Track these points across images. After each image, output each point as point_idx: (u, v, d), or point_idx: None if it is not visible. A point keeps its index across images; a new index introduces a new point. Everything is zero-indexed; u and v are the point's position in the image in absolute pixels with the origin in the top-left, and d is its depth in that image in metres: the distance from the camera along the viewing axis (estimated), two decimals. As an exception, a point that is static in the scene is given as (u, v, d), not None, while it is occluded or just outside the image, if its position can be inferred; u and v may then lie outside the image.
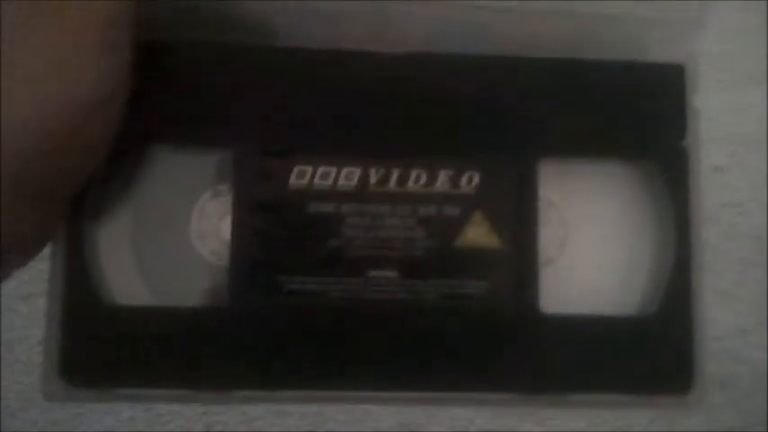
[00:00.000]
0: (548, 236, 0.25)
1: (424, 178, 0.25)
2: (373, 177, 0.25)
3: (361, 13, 0.26)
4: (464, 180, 0.25)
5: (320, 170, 0.25)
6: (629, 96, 0.25)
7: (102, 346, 0.24)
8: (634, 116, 0.25)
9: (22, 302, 0.32)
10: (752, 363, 0.38)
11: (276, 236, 0.24)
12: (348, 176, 0.25)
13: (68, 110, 0.21)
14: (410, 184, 0.25)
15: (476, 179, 0.25)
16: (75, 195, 0.24)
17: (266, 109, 0.25)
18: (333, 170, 0.25)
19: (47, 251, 0.24)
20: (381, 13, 0.26)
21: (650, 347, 0.25)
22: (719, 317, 0.38)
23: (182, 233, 0.25)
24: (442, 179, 0.25)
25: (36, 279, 0.23)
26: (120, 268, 0.24)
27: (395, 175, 0.25)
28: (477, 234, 0.25)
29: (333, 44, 0.25)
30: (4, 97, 0.20)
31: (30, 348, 0.32)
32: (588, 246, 0.26)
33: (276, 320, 0.24)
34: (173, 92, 0.24)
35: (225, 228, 0.25)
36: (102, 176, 0.24)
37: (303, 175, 0.24)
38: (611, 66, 0.25)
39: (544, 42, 0.25)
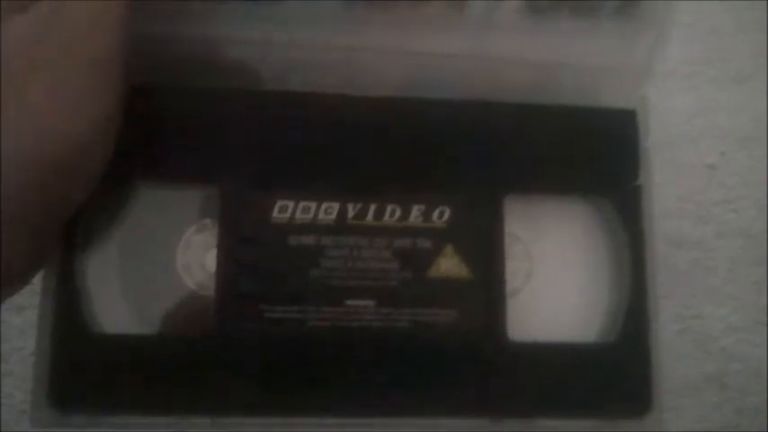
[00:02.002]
0: (514, 268, 0.27)
1: (398, 213, 0.26)
2: (351, 212, 0.26)
3: (336, 61, 0.28)
4: (436, 214, 0.27)
5: (301, 205, 0.26)
6: (586, 139, 0.28)
7: (90, 373, 0.25)
8: (591, 157, 0.28)
9: (15, 315, 0.33)
10: (746, 361, 0.38)
11: (259, 267, 0.26)
12: (327, 211, 0.26)
13: (65, 144, 0.22)
14: (386, 218, 0.26)
15: (447, 214, 0.27)
16: (64, 225, 0.25)
17: (249, 148, 0.26)
18: (313, 205, 0.26)
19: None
20: (354, 62, 0.28)
21: (610, 373, 0.26)
22: (712, 315, 0.38)
23: (168, 264, 0.26)
24: (415, 214, 0.26)
25: (30, 292, 0.24)
26: (109, 298, 0.25)
27: (371, 209, 0.26)
28: (449, 266, 0.26)
29: (310, 88, 0.27)
30: (4, 129, 0.22)
31: (23, 360, 0.33)
32: (551, 277, 0.27)
33: (259, 348, 0.25)
34: (162, 132, 0.26)
35: (210, 259, 0.26)
36: (93, 210, 0.25)
37: (285, 210, 0.26)
38: (569, 111, 0.28)
39: (508, 88, 0.28)
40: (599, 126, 0.28)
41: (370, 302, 0.26)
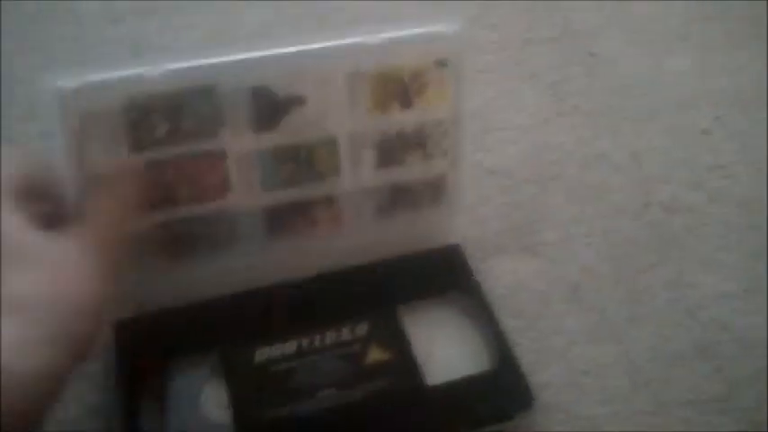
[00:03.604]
0: (416, 343, 0.41)
1: (335, 334, 0.41)
2: (305, 342, 0.41)
3: (266, 264, 0.44)
4: (358, 329, 0.41)
5: (274, 347, 0.40)
6: (431, 271, 0.45)
7: None
8: (442, 273, 0.44)
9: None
10: (736, 330, 0.36)
11: (256, 394, 0.39)
12: (289, 346, 0.40)
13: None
14: (327, 339, 0.41)
15: (365, 327, 0.41)
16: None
17: (234, 325, 0.41)
18: (281, 345, 0.40)
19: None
20: (276, 264, 0.44)
21: (496, 388, 0.40)
22: (703, 283, 0.36)
23: (196, 410, 0.39)
24: (345, 331, 0.41)
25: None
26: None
27: (317, 337, 0.41)
28: (377, 355, 0.41)
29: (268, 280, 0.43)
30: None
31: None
32: (447, 345, 0.42)
33: None
34: (177, 325, 0.40)
35: (225, 398, 0.39)
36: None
37: (263, 354, 0.40)
38: (420, 252, 0.45)
39: (378, 251, 0.45)
40: (441, 256, 0.45)
41: (333, 391, 0.39)
